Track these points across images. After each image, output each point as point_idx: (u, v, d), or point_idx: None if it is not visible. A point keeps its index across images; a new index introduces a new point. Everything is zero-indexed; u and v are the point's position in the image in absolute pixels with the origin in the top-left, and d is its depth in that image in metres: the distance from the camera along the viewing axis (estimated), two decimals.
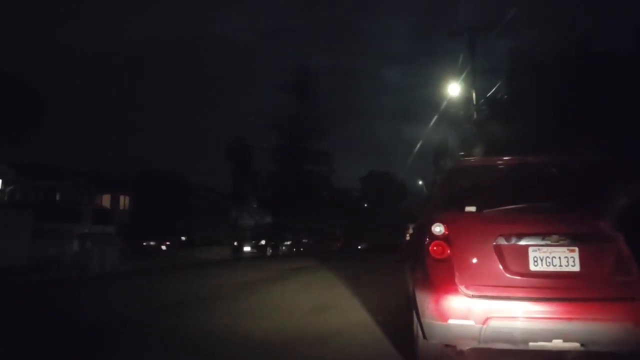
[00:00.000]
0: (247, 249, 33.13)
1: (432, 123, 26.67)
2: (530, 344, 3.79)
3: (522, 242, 3.81)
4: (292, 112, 58.43)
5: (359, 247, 53.20)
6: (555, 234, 3.77)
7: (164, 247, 31.68)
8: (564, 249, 3.76)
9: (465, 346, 4.11)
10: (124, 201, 40.82)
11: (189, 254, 28.62)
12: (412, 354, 4.52)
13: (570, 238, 3.76)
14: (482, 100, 21.96)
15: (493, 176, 4.59)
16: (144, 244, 28.67)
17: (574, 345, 3.76)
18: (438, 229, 3.99)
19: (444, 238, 3.96)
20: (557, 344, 3.74)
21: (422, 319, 4.06)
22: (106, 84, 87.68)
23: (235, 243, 33.86)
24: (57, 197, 30.62)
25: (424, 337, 4.10)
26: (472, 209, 4.11)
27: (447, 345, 4.19)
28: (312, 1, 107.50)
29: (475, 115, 22.46)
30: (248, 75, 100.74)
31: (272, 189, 60.82)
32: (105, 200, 37.62)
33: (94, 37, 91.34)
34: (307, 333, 6.00)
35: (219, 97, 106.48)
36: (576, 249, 3.75)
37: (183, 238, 38.49)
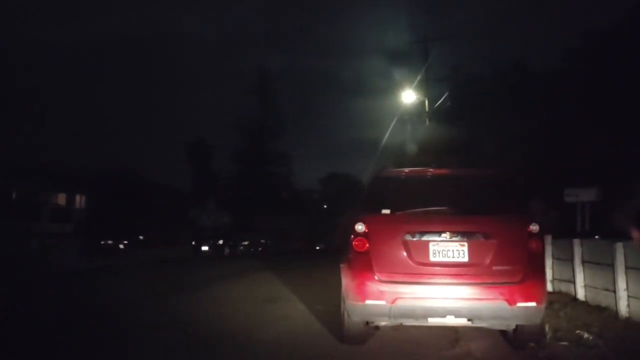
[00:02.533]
0: (205, 248, 33.65)
1: (391, 127, 27.64)
2: (429, 319, 4.77)
3: (424, 238, 4.76)
4: (253, 114, 59.02)
5: (317, 247, 53.99)
6: (449, 232, 4.74)
7: (121, 246, 31.78)
8: (457, 244, 4.72)
9: (380, 322, 5.08)
10: (80, 199, 40.36)
11: (146, 253, 28.86)
12: (339, 333, 5.40)
13: (461, 235, 4.74)
14: (433, 107, 23.26)
15: (406, 184, 5.58)
16: (102, 242, 28.73)
17: (463, 320, 4.76)
18: (360, 227, 4.89)
19: (364, 235, 4.86)
20: (450, 319, 4.73)
21: (347, 301, 4.97)
22: (67, 81, 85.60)
23: (194, 242, 34.31)
24: (13, 196, 30.21)
25: (349, 315, 5.01)
26: (387, 211, 5.05)
27: (367, 323, 5.13)
28: (273, 3, 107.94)
29: (427, 122, 23.80)
30: (210, 76, 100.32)
31: (232, 190, 61.09)
32: (61, 198, 37.14)
33: (56, 32, 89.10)
34: (260, 318, 7.12)
35: (181, 97, 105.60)
36: (466, 244, 4.72)
37: (141, 237, 38.53)
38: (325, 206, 73.41)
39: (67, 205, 33.10)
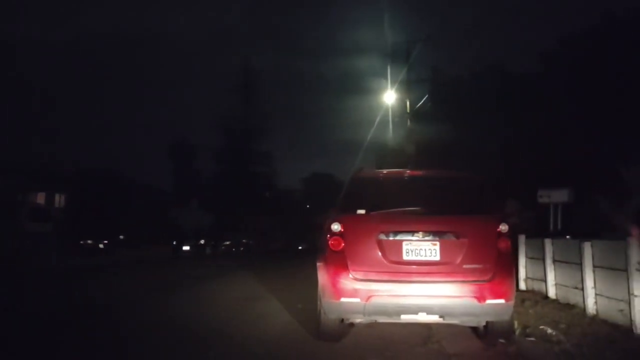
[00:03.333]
0: (186, 248, 33.48)
1: (373, 127, 27.84)
2: (402, 316, 4.92)
3: (398, 238, 4.90)
4: (237, 113, 58.79)
5: (300, 247, 54.09)
6: (422, 231, 4.89)
7: (101, 246, 31.48)
8: (429, 243, 4.88)
9: (354, 319, 5.21)
10: (59, 199, 39.88)
11: (127, 253, 28.68)
12: (315, 329, 5.52)
13: (433, 235, 4.89)
14: (414, 108, 23.50)
15: (382, 185, 5.74)
16: (81, 242, 28.43)
17: (435, 317, 4.92)
18: (335, 226, 5.03)
19: (340, 234, 5.00)
20: (422, 316, 4.88)
21: (323, 299, 5.10)
22: (51, 79, 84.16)
23: (175, 242, 34.13)
24: None
25: (325, 313, 5.13)
26: (362, 211, 5.18)
27: (342, 320, 5.26)
28: (259, 2, 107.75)
29: (408, 122, 24.06)
30: (194, 75, 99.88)
31: (214, 189, 60.82)
32: (40, 197, 36.66)
33: (40, 29, 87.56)
34: (242, 315, 7.36)
35: (165, 96, 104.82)
36: (437, 243, 4.88)
37: (121, 237, 38.20)
38: (308, 206, 73.62)
39: (46, 204, 32.73)
